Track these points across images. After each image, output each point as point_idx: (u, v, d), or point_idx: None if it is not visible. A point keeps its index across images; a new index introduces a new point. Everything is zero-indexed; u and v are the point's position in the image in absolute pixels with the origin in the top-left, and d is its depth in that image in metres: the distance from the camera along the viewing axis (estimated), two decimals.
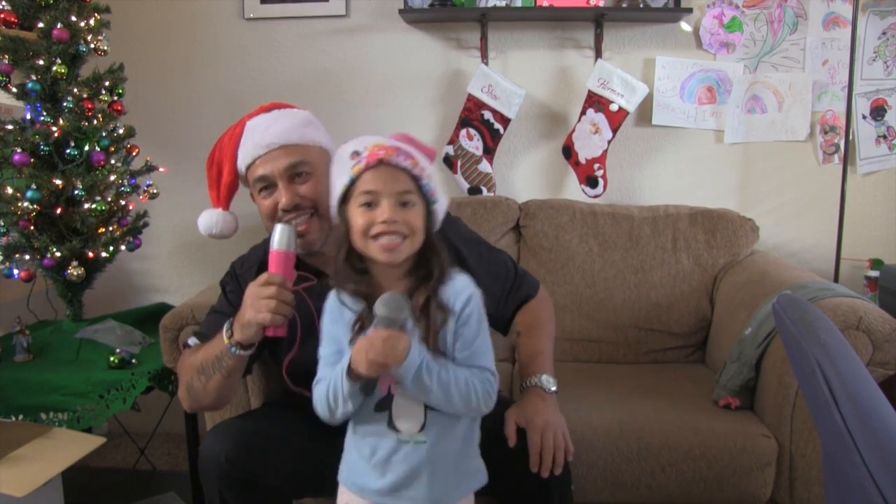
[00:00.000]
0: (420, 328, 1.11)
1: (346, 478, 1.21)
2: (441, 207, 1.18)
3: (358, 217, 1.11)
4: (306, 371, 1.38)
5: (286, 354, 1.39)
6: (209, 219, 1.50)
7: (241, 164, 1.42)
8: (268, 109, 1.46)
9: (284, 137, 1.39)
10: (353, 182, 1.12)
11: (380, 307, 1.04)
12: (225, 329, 1.31)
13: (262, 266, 1.45)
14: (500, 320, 1.57)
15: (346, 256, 1.15)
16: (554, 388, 1.41)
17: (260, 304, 1.22)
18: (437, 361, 1.10)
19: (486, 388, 1.13)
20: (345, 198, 1.14)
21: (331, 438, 1.45)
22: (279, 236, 1.28)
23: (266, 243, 1.53)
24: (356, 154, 1.12)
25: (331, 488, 1.53)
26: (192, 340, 1.44)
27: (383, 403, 1.13)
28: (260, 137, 1.39)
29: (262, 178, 1.39)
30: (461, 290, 1.15)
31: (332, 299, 1.18)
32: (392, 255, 1.11)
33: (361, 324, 1.12)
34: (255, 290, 1.24)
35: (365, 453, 1.16)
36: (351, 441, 1.20)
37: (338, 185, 1.14)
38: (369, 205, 1.10)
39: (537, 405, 1.35)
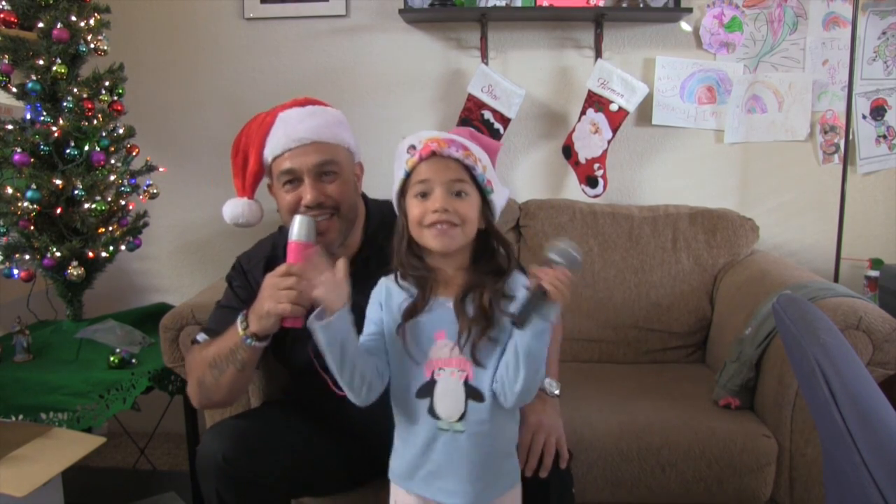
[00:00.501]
0: (480, 322, 1.12)
1: (392, 470, 1.22)
2: (499, 198, 1.18)
3: (413, 207, 1.14)
4: (305, 384, 1.39)
5: (302, 344, 1.35)
6: (235, 208, 1.47)
7: (269, 154, 1.40)
8: (302, 104, 1.45)
9: (317, 134, 1.38)
10: (408, 175, 1.15)
11: (567, 242, 1.09)
12: (240, 321, 1.30)
13: (270, 260, 1.46)
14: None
15: (407, 246, 1.17)
16: (557, 392, 1.40)
17: (279, 295, 1.22)
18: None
19: (538, 379, 1.14)
20: (402, 191, 1.16)
21: (329, 439, 1.45)
22: (299, 227, 1.28)
23: (273, 238, 1.54)
24: (412, 148, 1.15)
25: (329, 488, 1.53)
26: (201, 336, 1.43)
27: (425, 389, 1.15)
28: (292, 130, 1.38)
29: (289, 171, 1.37)
30: (519, 286, 1.16)
31: (383, 285, 1.20)
32: (445, 242, 1.12)
33: (415, 307, 1.14)
34: (273, 281, 1.24)
35: (405, 441, 1.18)
36: (396, 432, 1.21)
37: (396, 178, 1.17)
38: (424, 195, 1.13)
39: (535, 406, 1.34)
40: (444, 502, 1.15)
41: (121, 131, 2.17)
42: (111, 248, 2.11)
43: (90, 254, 2.05)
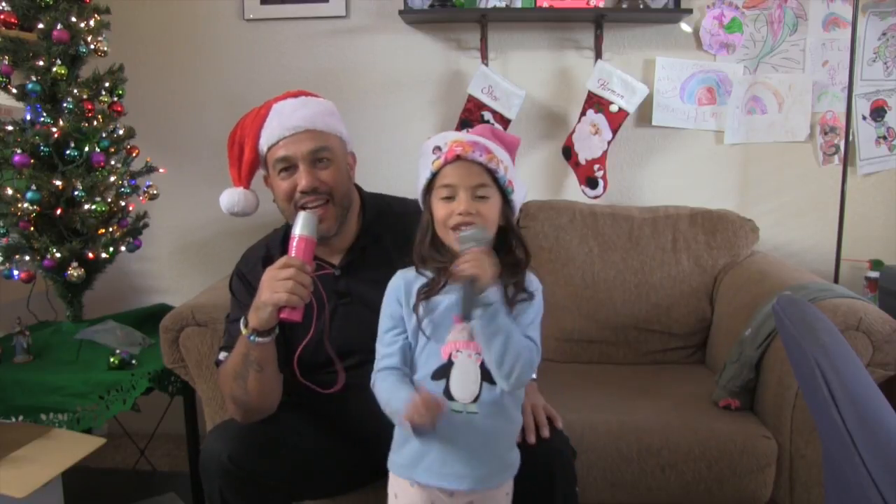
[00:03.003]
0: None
1: (394, 462, 1.23)
2: (519, 197, 1.24)
3: (439, 209, 1.19)
4: (315, 363, 1.38)
5: (299, 343, 1.38)
6: (231, 197, 1.50)
7: (264, 144, 1.44)
8: (295, 95, 1.49)
9: (310, 122, 1.42)
10: (434, 175, 1.21)
11: (465, 233, 1.14)
12: (241, 321, 1.31)
13: (267, 259, 1.46)
14: None
15: (430, 242, 1.22)
16: (533, 375, 1.42)
17: (277, 285, 1.23)
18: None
19: (532, 357, 1.17)
20: (428, 189, 1.22)
21: (332, 440, 1.46)
22: (303, 222, 1.31)
23: (266, 240, 1.56)
24: (437, 149, 1.21)
25: (331, 489, 1.53)
26: (223, 355, 1.43)
27: (442, 371, 1.18)
28: (286, 119, 1.42)
29: (284, 158, 1.41)
30: (532, 280, 1.25)
31: (400, 279, 1.25)
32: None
33: (431, 288, 1.19)
34: (272, 273, 1.26)
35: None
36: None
37: (422, 177, 1.23)
38: (449, 198, 1.18)
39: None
40: (450, 488, 1.17)
41: (121, 132, 2.17)
42: (111, 249, 2.11)
43: (90, 255, 2.05)
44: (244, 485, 1.29)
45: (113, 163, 2.15)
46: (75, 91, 2.04)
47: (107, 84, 2.15)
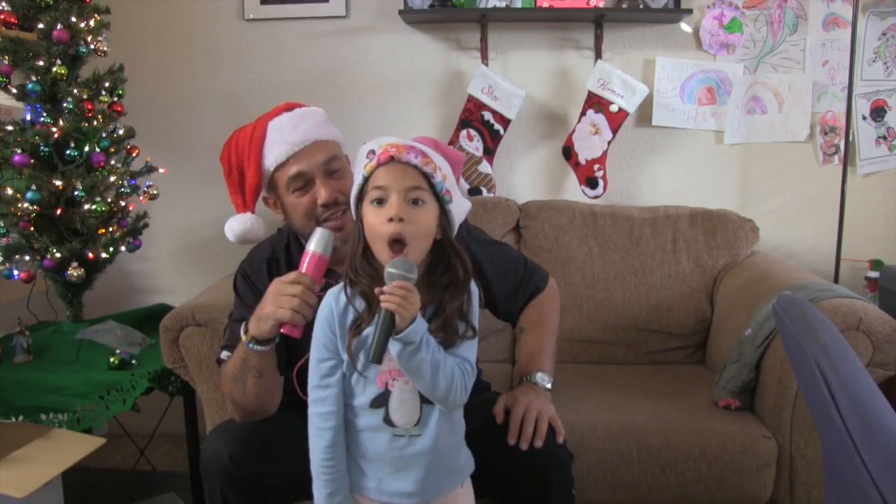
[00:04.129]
0: (443, 340, 1.11)
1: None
2: (458, 209, 1.16)
3: (370, 216, 1.11)
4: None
5: (300, 349, 1.37)
6: (241, 225, 1.44)
7: (271, 163, 1.38)
8: (287, 108, 1.44)
9: (316, 133, 1.39)
10: (366, 180, 1.12)
11: (391, 266, 1.05)
12: (242, 327, 1.31)
13: (272, 261, 1.46)
14: (511, 314, 1.59)
15: (363, 254, 1.13)
16: (549, 386, 1.41)
17: (282, 300, 1.22)
18: (433, 341, 1.10)
19: (466, 380, 1.13)
20: (360, 196, 1.14)
21: None
22: (318, 238, 1.27)
23: (271, 240, 1.53)
24: (371, 153, 1.13)
25: None
26: (224, 354, 1.41)
27: (380, 400, 1.13)
28: (290, 135, 1.37)
29: (299, 175, 1.37)
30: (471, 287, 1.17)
31: (331, 298, 1.15)
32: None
33: (359, 325, 1.11)
34: (280, 287, 1.24)
35: (358, 450, 1.16)
36: (348, 441, 1.18)
37: (355, 183, 1.16)
38: (380, 202, 1.10)
39: (526, 391, 1.37)
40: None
41: (121, 132, 2.17)
42: (111, 249, 2.11)
43: (90, 255, 2.05)
44: (245, 485, 1.29)
45: (113, 163, 2.15)
46: (75, 91, 2.04)
47: (107, 84, 2.15)
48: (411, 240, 1.08)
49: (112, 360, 1.90)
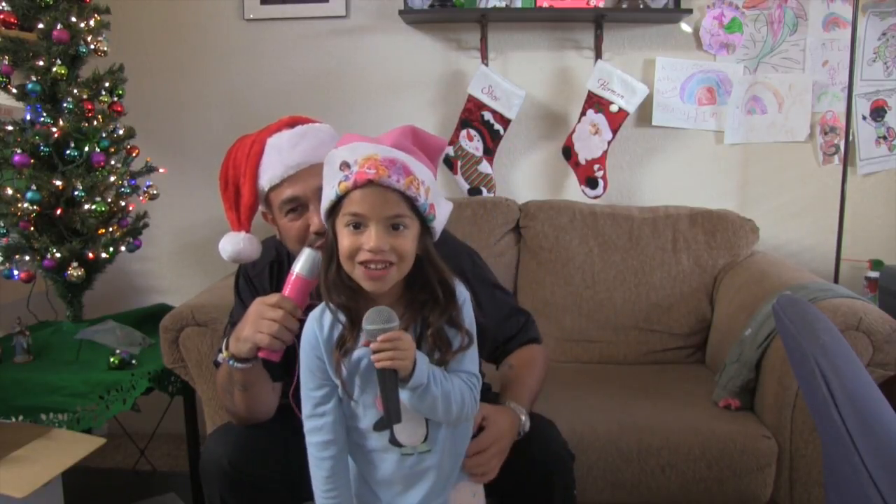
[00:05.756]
0: (439, 359, 1.07)
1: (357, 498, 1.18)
2: (440, 221, 1.10)
3: (344, 238, 1.03)
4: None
5: (287, 383, 1.30)
6: (236, 244, 1.33)
7: (266, 183, 1.30)
8: (289, 124, 1.35)
9: (314, 156, 1.28)
10: (339, 198, 1.03)
11: (367, 322, 1.00)
12: (223, 342, 1.28)
13: (274, 264, 1.43)
14: (503, 355, 1.51)
15: (336, 272, 1.07)
16: (524, 418, 1.32)
17: (261, 324, 1.18)
18: (434, 368, 1.06)
19: (475, 394, 1.11)
20: (333, 210, 1.06)
21: None
22: (304, 261, 1.22)
23: (275, 242, 1.46)
24: (346, 166, 1.02)
25: None
26: (220, 356, 1.35)
27: (382, 422, 1.08)
28: (287, 157, 1.28)
29: (293, 199, 1.28)
30: (459, 292, 1.11)
31: (313, 323, 1.10)
32: (377, 284, 1.04)
33: (344, 344, 1.06)
34: (261, 309, 1.19)
35: (370, 473, 1.14)
36: (353, 463, 1.17)
37: (326, 194, 1.07)
38: (356, 226, 1.02)
39: (504, 413, 1.30)
40: None
41: (121, 132, 2.17)
42: (111, 249, 2.11)
43: (90, 255, 2.05)
44: (244, 489, 1.28)
45: (113, 163, 2.15)
46: (75, 91, 2.04)
47: (107, 84, 2.14)
48: (390, 266, 1.02)
49: (112, 360, 1.90)
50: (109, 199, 2.09)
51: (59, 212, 2.01)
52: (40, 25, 2.00)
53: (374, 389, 1.06)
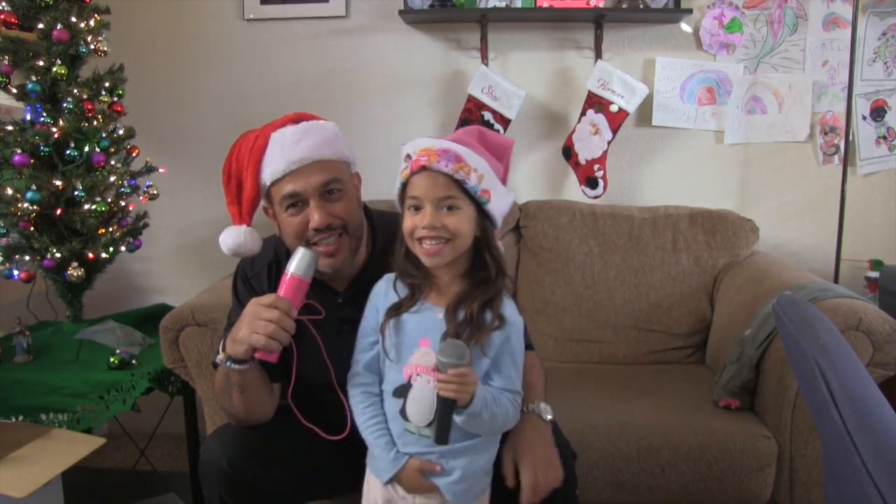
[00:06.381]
0: (471, 333, 1.14)
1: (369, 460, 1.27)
2: (499, 205, 1.17)
3: (406, 219, 1.16)
4: (307, 400, 1.33)
5: (285, 382, 1.32)
6: (236, 238, 1.33)
7: (267, 178, 1.30)
8: (294, 120, 1.35)
9: (317, 152, 1.29)
10: (403, 186, 1.17)
11: (442, 354, 1.09)
12: (220, 344, 1.28)
13: (273, 265, 1.42)
14: None
15: (405, 253, 1.19)
16: (550, 417, 1.34)
17: (257, 325, 1.18)
18: (487, 392, 1.14)
19: (515, 413, 1.20)
20: (402, 197, 1.19)
21: (332, 445, 1.45)
22: (299, 261, 1.23)
23: (274, 240, 1.46)
24: (408, 157, 1.16)
25: (331, 492, 1.53)
26: (219, 357, 1.35)
27: (401, 391, 1.17)
28: (290, 151, 1.28)
29: (293, 194, 1.29)
30: (507, 307, 1.19)
31: (382, 286, 1.25)
32: (434, 260, 1.14)
33: (400, 306, 1.18)
34: (256, 309, 1.20)
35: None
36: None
37: (396, 185, 1.20)
38: (416, 208, 1.15)
39: (531, 438, 1.29)
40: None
41: (121, 132, 2.17)
42: (111, 248, 2.11)
43: (90, 255, 2.05)
44: (244, 489, 1.28)
45: (113, 163, 2.15)
46: (75, 91, 2.04)
47: (107, 84, 2.15)
48: (446, 242, 1.13)
49: (112, 360, 1.90)
50: (109, 199, 2.09)
51: (59, 212, 2.01)
52: (40, 25, 2.00)
53: (406, 354, 1.18)
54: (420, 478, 1.17)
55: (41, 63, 1.99)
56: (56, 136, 1.98)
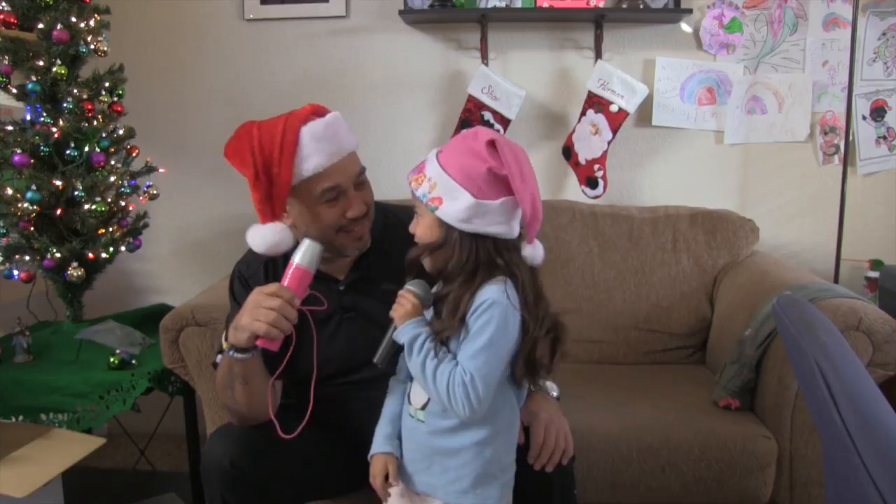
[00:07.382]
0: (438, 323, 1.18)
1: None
2: (446, 212, 1.14)
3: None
4: (306, 389, 1.34)
5: (278, 370, 1.31)
6: (274, 235, 1.30)
7: (308, 171, 1.28)
8: (315, 112, 1.34)
9: (349, 144, 1.34)
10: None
11: (410, 283, 1.20)
12: (224, 334, 1.29)
13: (269, 264, 1.43)
14: None
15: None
16: (556, 394, 1.39)
17: (259, 313, 1.19)
18: (436, 350, 1.14)
19: (466, 391, 1.10)
20: None
21: (334, 442, 1.45)
22: (305, 251, 1.24)
23: None
24: None
25: (334, 491, 1.53)
26: (219, 357, 1.38)
27: (409, 374, 1.21)
28: (329, 146, 1.29)
29: (335, 187, 1.30)
30: (480, 295, 1.14)
31: None
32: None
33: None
34: (258, 298, 1.21)
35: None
36: None
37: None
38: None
39: (541, 403, 1.34)
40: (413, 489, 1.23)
41: (121, 132, 2.17)
42: (111, 248, 2.11)
43: (90, 255, 2.05)
44: (246, 489, 1.28)
45: (113, 163, 2.15)
46: (75, 91, 2.04)
47: (107, 84, 2.14)
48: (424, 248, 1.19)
49: (112, 360, 1.90)
50: (109, 199, 2.09)
51: (59, 212, 2.01)
52: (40, 25, 2.00)
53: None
54: (381, 471, 1.22)
55: (41, 63, 1.99)
56: (56, 136, 1.98)
